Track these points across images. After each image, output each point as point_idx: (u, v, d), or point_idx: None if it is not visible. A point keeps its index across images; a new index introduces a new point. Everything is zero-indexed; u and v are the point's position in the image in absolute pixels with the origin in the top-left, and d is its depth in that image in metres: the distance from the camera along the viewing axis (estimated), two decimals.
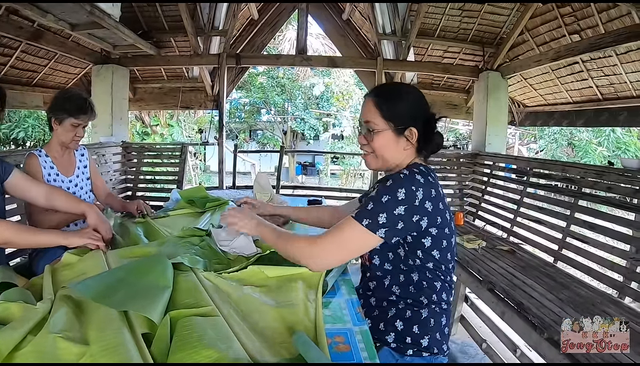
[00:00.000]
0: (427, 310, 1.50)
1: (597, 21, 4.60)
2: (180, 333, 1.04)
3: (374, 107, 1.53)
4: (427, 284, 1.50)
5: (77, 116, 2.45)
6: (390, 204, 1.36)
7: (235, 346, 1.03)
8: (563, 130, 14.24)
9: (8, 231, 1.71)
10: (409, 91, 1.60)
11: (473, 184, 5.49)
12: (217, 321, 1.13)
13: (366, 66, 6.60)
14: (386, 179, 1.45)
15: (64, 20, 4.29)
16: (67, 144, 2.52)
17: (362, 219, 1.37)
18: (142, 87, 7.34)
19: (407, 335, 1.47)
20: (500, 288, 2.94)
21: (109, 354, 0.97)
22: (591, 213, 3.58)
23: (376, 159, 1.57)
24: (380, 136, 1.52)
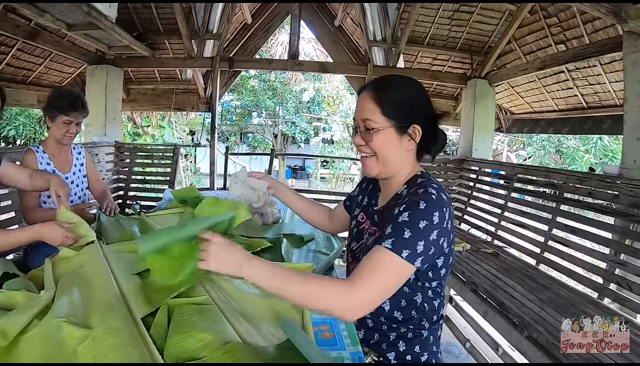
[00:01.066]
0: (428, 331, 1.42)
1: (583, 32, 4.70)
2: (176, 319, 1.11)
3: (372, 103, 1.35)
4: (428, 306, 1.41)
5: (68, 113, 2.51)
6: (427, 231, 1.21)
7: (227, 330, 1.10)
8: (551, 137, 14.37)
9: None
10: (411, 84, 1.43)
11: (460, 188, 5.58)
12: (211, 309, 1.21)
13: (357, 72, 6.68)
14: (416, 202, 1.25)
15: (61, 20, 4.32)
16: (60, 140, 2.59)
17: (402, 251, 1.18)
18: (135, 88, 7.37)
19: (409, 354, 1.40)
20: (483, 289, 3.03)
21: (111, 337, 1.02)
22: (572, 218, 3.69)
23: (377, 163, 1.39)
24: (381, 135, 1.34)
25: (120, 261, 1.52)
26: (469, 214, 5.09)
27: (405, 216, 1.23)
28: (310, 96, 20.12)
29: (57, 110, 2.51)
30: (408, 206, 1.25)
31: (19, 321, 1.06)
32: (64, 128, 2.55)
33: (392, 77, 1.40)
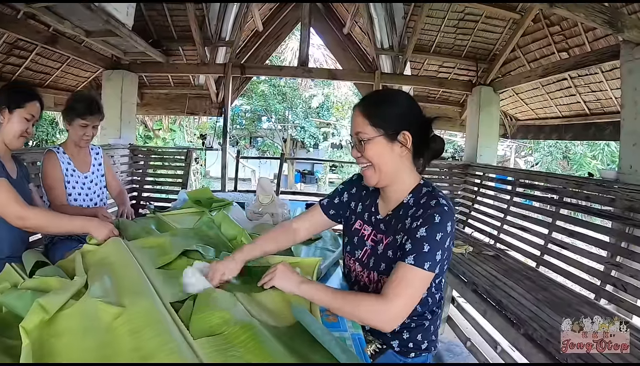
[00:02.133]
0: (429, 321, 1.54)
1: (584, 40, 4.78)
2: (200, 300, 1.25)
3: (361, 117, 1.45)
4: (431, 299, 1.52)
5: (84, 117, 2.63)
6: (443, 241, 1.34)
7: (240, 310, 1.23)
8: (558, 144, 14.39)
9: (41, 216, 1.94)
10: (396, 95, 1.55)
11: (464, 193, 5.69)
12: (226, 294, 1.35)
13: (365, 79, 6.80)
14: (431, 215, 1.36)
15: (80, 27, 4.47)
16: (78, 143, 2.70)
17: (424, 264, 1.31)
18: (149, 93, 7.53)
19: (411, 342, 1.52)
20: (483, 289, 3.12)
21: (144, 314, 1.11)
22: (571, 221, 3.79)
23: (374, 172, 1.47)
24: (372, 144, 1.44)
25: (143, 255, 1.62)
26: (473, 218, 5.19)
27: (423, 231, 1.34)
28: (319, 102, 20.18)
29: (75, 113, 2.62)
30: (425, 221, 1.36)
31: (58, 300, 1.15)
32: (81, 131, 2.66)
33: (380, 91, 1.59)
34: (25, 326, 1.01)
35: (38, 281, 1.35)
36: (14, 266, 1.48)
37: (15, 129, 2.07)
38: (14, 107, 2.06)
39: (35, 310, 1.08)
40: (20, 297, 1.22)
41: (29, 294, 1.22)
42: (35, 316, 1.06)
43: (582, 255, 3.44)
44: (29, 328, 1.02)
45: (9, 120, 2.05)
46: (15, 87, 2.28)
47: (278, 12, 7.67)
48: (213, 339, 1.06)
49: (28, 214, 1.89)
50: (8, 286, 1.34)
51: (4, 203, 1.86)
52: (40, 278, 1.37)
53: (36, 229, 2.05)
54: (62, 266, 1.57)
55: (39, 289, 1.28)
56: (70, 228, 2.00)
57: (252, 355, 1.02)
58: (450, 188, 5.83)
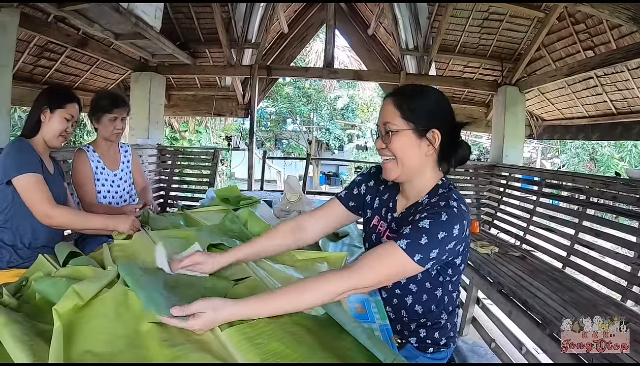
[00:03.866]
0: (446, 319, 1.51)
1: (610, 38, 4.74)
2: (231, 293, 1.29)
3: (393, 107, 1.38)
4: (448, 298, 1.48)
5: (111, 110, 2.65)
6: (445, 241, 1.25)
7: None
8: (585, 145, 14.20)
9: (66, 216, 2.01)
10: (431, 91, 1.45)
11: (490, 194, 5.67)
12: (259, 283, 1.39)
13: (390, 80, 6.83)
14: (438, 213, 1.27)
15: (109, 30, 4.57)
16: (109, 137, 2.73)
17: (414, 254, 1.22)
18: (176, 94, 7.67)
19: (428, 339, 1.49)
20: (508, 289, 3.12)
21: None
22: (598, 221, 3.76)
23: (396, 166, 1.40)
24: (400, 137, 1.37)
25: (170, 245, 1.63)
26: (499, 219, 5.18)
27: (426, 223, 1.25)
28: (344, 103, 20.18)
29: (101, 110, 2.65)
30: (429, 215, 1.27)
31: (92, 287, 1.18)
32: (111, 125, 2.68)
33: (415, 85, 1.48)
34: (58, 310, 1.04)
35: (72, 270, 1.39)
36: (46, 257, 1.53)
37: (55, 129, 2.14)
38: (55, 108, 2.14)
39: (69, 295, 1.10)
40: (55, 284, 1.25)
41: (63, 281, 1.25)
42: (69, 301, 1.09)
43: (608, 256, 3.42)
44: (61, 312, 1.05)
45: (49, 119, 2.13)
46: (56, 88, 2.35)
47: (303, 14, 7.76)
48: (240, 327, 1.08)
49: (54, 213, 1.97)
50: (41, 275, 1.38)
51: (35, 200, 1.95)
52: (74, 267, 1.42)
53: (61, 227, 2.12)
54: (93, 258, 1.61)
55: (73, 278, 1.30)
56: (94, 226, 2.08)
57: (279, 342, 1.04)
58: (475, 189, 5.82)
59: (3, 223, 2.05)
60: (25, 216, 2.00)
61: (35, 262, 1.52)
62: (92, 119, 2.71)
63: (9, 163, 1.96)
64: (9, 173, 1.94)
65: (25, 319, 1.07)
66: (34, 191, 1.95)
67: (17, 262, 2.05)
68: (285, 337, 1.06)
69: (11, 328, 0.97)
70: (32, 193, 1.95)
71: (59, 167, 2.38)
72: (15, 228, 2.06)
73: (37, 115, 2.13)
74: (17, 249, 2.06)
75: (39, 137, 2.15)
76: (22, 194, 1.96)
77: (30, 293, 1.29)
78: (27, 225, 2.05)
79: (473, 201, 5.72)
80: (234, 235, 1.99)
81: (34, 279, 1.34)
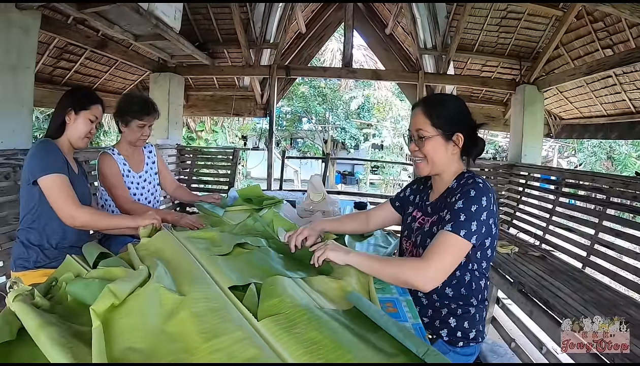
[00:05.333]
0: (475, 308, 1.64)
1: (629, 36, 4.69)
2: (266, 288, 1.30)
3: (423, 117, 1.63)
4: (475, 285, 1.63)
5: (141, 117, 2.67)
6: (479, 212, 1.49)
7: (305, 297, 1.29)
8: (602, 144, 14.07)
9: (89, 216, 2.03)
10: (453, 100, 1.73)
11: (509, 193, 5.64)
12: (291, 281, 1.39)
13: (408, 79, 6.84)
14: (467, 191, 1.54)
15: (129, 31, 4.63)
16: (134, 143, 2.75)
17: (460, 231, 1.46)
18: (195, 95, 7.74)
19: (459, 330, 1.62)
20: (529, 288, 3.12)
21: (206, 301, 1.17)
22: (618, 221, 3.74)
23: (427, 165, 1.67)
24: (431, 142, 1.63)
25: (193, 245, 1.68)
26: (518, 218, 5.16)
27: (460, 204, 1.52)
28: (359, 103, 20.16)
29: (131, 115, 2.66)
30: (462, 195, 1.54)
31: (127, 286, 1.19)
32: (139, 132, 2.70)
33: (440, 94, 1.76)
34: (95, 309, 1.06)
35: (103, 271, 1.41)
36: (74, 258, 1.56)
37: (80, 130, 2.18)
38: (80, 109, 2.17)
39: (105, 294, 1.12)
40: (88, 286, 1.28)
41: (96, 283, 1.27)
42: (106, 300, 1.11)
43: (628, 256, 3.39)
44: (99, 311, 1.07)
45: (74, 121, 2.17)
46: (80, 90, 2.39)
47: (320, 14, 7.78)
48: (276, 318, 1.12)
49: (78, 214, 1.99)
50: (71, 276, 1.40)
51: (59, 200, 1.98)
52: (105, 268, 1.43)
53: (84, 227, 2.14)
54: (123, 259, 1.62)
55: (105, 279, 1.31)
56: (117, 225, 2.11)
57: (316, 332, 1.08)
58: (494, 188, 5.77)
59: (30, 223, 2.09)
60: (52, 216, 2.03)
61: (64, 263, 1.55)
62: (119, 122, 2.71)
63: (35, 164, 2.00)
64: (35, 173, 1.98)
65: (60, 320, 1.09)
66: (59, 191, 1.98)
67: (44, 262, 2.09)
68: (321, 327, 1.10)
69: (48, 331, 0.99)
70: (56, 193, 1.98)
71: (82, 168, 2.41)
72: (42, 228, 2.09)
73: (62, 116, 2.16)
74: (44, 249, 2.10)
75: (64, 138, 2.18)
76: (47, 194, 1.98)
77: (61, 294, 1.32)
78: (54, 225, 2.09)
79: None
80: (258, 234, 2.02)
81: (65, 280, 1.37)
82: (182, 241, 1.74)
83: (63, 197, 1.98)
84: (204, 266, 1.48)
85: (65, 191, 1.99)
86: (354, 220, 2.11)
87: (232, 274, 1.42)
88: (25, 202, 2.09)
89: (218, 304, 1.17)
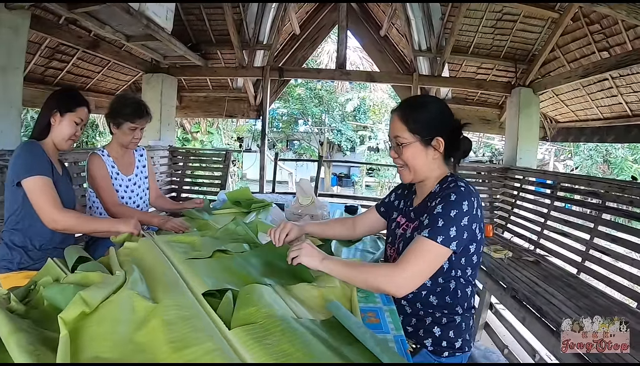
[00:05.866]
0: (461, 317, 1.59)
1: (625, 38, 4.65)
2: (243, 296, 1.25)
3: (400, 123, 1.59)
4: (461, 293, 1.58)
5: (133, 120, 2.61)
6: (458, 217, 1.44)
7: (283, 306, 1.24)
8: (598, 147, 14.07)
9: (71, 220, 2.01)
10: (431, 102, 1.67)
11: (503, 197, 5.61)
12: (269, 289, 1.34)
13: (403, 81, 6.82)
14: (447, 195, 1.49)
15: (120, 32, 4.59)
16: (126, 145, 2.70)
17: (437, 237, 1.42)
18: (188, 96, 7.69)
19: (444, 340, 1.56)
20: (522, 295, 3.09)
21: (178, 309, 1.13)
22: (613, 226, 3.70)
23: (409, 172, 1.62)
24: (409, 149, 1.58)
25: (172, 249, 1.65)
26: (512, 223, 5.13)
27: (439, 208, 1.47)
28: (354, 105, 20.22)
29: (123, 117, 2.60)
30: (441, 200, 1.49)
31: (99, 294, 1.17)
32: (130, 134, 2.65)
33: (417, 97, 1.71)
34: (64, 317, 1.04)
35: (80, 276, 1.37)
36: (55, 261, 1.52)
37: (64, 132, 2.15)
38: (65, 111, 2.14)
39: (76, 302, 1.09)
40: (63, 291, 1.24)
41: (71, 288, 1.24)
42: (75, 309, 1.08)
43: (624, 262, 3.35)
44: (67, 320, 1.05)
45: (59, 123, 2.14)
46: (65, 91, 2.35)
47: (315, 15, 7.74)
48: (249, 327, 1.08)
49: (60, 217, 1.97)
50: (50, 280, 1.37)
51: (41, 203, 1.96)
52: (82, 273, 1.40)
53: (66, 231, 2.10)
54: (103, 263, 1.59)
55: (81, 284, 1.30)
56: (98, 229, 2.09)
57: (289, 343, 1.04)
58: (489, 192, 5.76)
59: (14, 225, 2.06)
60: (36, 217, 2.00)
61: (45, 266, 1.51)
62: (111, 123, 2.66)
63: (19, 165, 1.97)
64: (19, 175, 1.95)
65: (32, 326, 1.07)
66: (41, 193, 1.96)
67: (27, 264, 2.05)
68: (295, 339, 1.06)
69: (17, 337, 0.97)
70: (39, 195, 1.95)
71: (67, 170, 2.39)
72: (26, 229, 2.06)
73: (47, 118, 2.14)
74: (27, 251, 2.07)
75: (49, 139, 2.16)
76: (30, 196, 1.96)
77: (38, 298, 1.29)
78: (38, 227, 2.05)
79: (486, 204, 5.66)
80: (240, 238, 1.99)
81: (43, 284, 1.34)
82: (161, 245, 1.70)
83: (45, 199, 1.96)
84: (180, 271, 1.45)
85: (48, 193, 1.97)
86: (341, 225, 2.09)
87: (209, 279, 1.38)
88: (10, 203, 2.06)
89: (190, 312, 1.13)
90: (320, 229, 2.05)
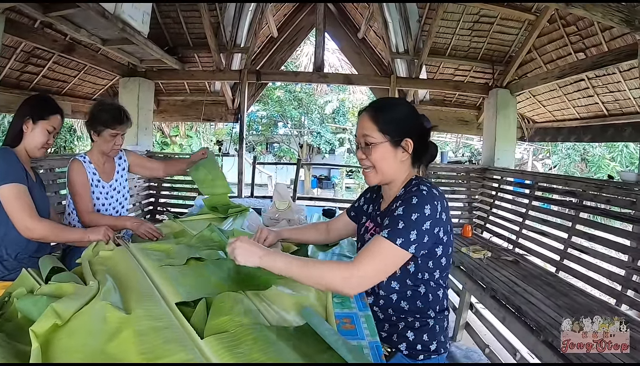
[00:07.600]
0: (434, 320, 1.57)
1: (601, 40, 4.70)
2: (216, 304, 1.24)
3: (370, 122, 1.55)
4: (432, 296, 1.56)
5: (114, 127, 2.56)
6: (420, 221, 1.39)
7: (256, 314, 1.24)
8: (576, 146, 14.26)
9: (45, 229, 1.98)
10: (402, 104, 1.65)
11: (482, 197, 5.64)
12: (242, 297, 1.34)
13: (380, 83, 6.82)
14: (409, 198, 1.44)
15: (96, 35, 4.52)
16: (107, 152, 2.65)
17: (396, 239, 1.38)
18: (165, 100, 7.60)
19: (418, 343, 1.53)
20: (502, 295, 3.11)
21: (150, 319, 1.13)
22: (591, 225, 3.74)
23: (376, 174, 1.58)
24: (379, 149, 1.53)
25: (146, 257, 1.63)
26: (491, 222, 5.16)
27: (400, 211, 1.43)
28: (333, 107, 20.35)
29: (103, 124, 2.56)
30: (403, 202, 1.45)
31: (72, 305, 1.16)
32: (111, 141, 2.61)
33: (387, 99, 1.68)
34: (35, 330, 1.03)
35: (54, 287, 1.36)
36: (30, 272, 1.49)
37: (37, 140, 2.12)
38: (38, 119, 2.11)
39: (47, 314, 1.09)
40: (36, 303, 1.23)
41: (44, 299, 1.23)
42: (47, 321, 1.07)
43: (602, 259, 3.39)
44: (39, 332, 1.04)
45: (32, 130, 2.10)
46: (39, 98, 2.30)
47: (292, 18, 7.73)
48: (221, 337, 1.08)
49: (35, 226, 1.95)
50: (24, 291, 1.36)
51: (16, 211, 1.92)
52: (56, 284, 1.38)
53: (41, 240, 2.07)
54: (77, 273, 1.57)
55: (54, 295, 1.29)
56: (72, 238, 2.08)
57: (260, 352, 1.04)
58: (467, 193, 5.79)
59: None
60: (12, 226, 1.96)
61: (19, 277, 1.49)
62: (91, 131, 2.61)
63: None
64: None
65: (5, 340, 1.07)
66: (16, 202, 1.92)
67: (2, 274, 2.01)
68: (267, 347, 1.06)
69: None
70: (13, 203, 1.92)
71: (40, 177, 2.34)
72: (1, 238, 2.02)
73: (20, 125, 2.10)
74: (3, 261, 2.03)
75: (22, 147, 2.12)
76: (4, 204, 1.92)
77: (12, 310, 1.28)
78: (13, 235, 2.00)
79: (465, 205, 5.69)
80: (215, 245, 1.96)
81: (17, 295, 1.33)
82: (135, 253, 1.68)
83: (21, 207, 1.93)
84: (154, 279, 1.43)
85: (24, 201, 1.94)
86: (315, 230, 2.08)
87: (182, 288, 1.36)
88: None
89: (162, 322, 1.13)
90: (295, 235, 2.04)
